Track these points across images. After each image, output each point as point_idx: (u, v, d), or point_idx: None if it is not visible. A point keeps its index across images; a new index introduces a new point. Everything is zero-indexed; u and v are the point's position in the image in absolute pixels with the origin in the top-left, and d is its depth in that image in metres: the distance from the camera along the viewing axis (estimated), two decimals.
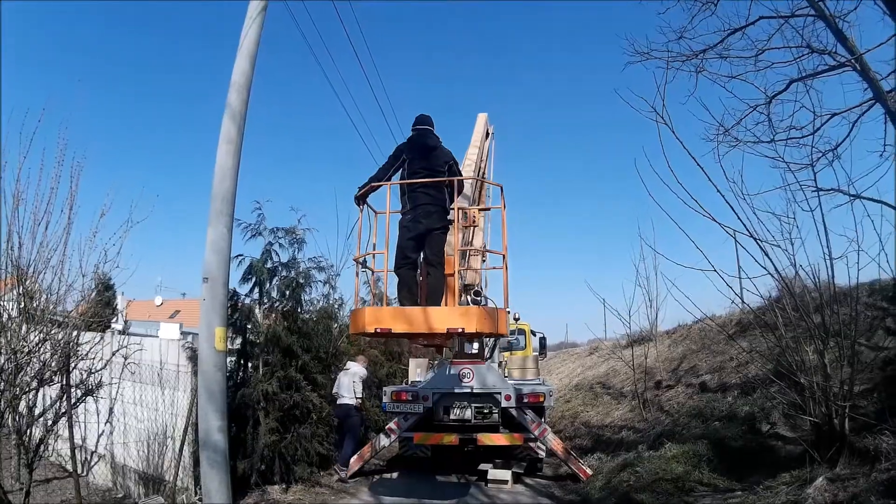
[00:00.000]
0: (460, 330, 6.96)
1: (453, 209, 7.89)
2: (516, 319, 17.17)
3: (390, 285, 7.55)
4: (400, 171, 7.95)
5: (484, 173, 12.89)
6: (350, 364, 12.20)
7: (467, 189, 8.81)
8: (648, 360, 15.91)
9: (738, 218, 8.05)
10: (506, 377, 12.40)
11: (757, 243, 8.06)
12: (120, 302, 12.48)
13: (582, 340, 44.77)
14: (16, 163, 7.18)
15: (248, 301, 11.16)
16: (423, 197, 7.71)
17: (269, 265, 11.43)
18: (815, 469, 6.91)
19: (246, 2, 8.50)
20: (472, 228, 9.19)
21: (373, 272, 7.71)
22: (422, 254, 7.85)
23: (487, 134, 13.83)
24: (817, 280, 8.05)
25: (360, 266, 7.63)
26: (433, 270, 7.61)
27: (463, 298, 8.11)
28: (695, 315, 11.02)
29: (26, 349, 6.95)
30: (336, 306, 14.29)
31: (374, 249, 7.87)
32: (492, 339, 12.56)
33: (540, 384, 12.07)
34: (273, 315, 11.63)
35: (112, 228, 7.90)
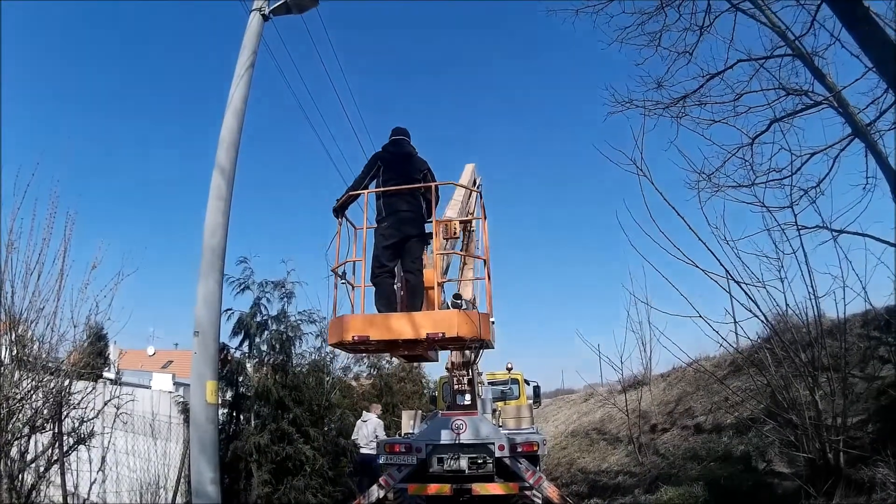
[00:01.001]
0: (440, 335, 6.58)
1: (431, 221, 7.76)
2: (509, 369, 17.15)
3: (369, 297, 7.30)
4: (376, 180, 7.73)
5: (472, 224, 13.02)
6: (366, 414, 12.21)
7: (452, 213, 8.68)
8: (643, 403, 15.84)
9: (721, 264, 8.14)
10: (500, 427, 12.31)
11: (741, 287, 8.13)
12: (112, 351, 12.41)
13: (578, 386, 44.47)
14: (9, 213, 7.27)
15: (238, 354, 11.17)
16: (400, 204, 7.47)
17: (258, 319, 11.46)
18: None
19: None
20: (453, 241, 9.02)
21: (352, 286, 7.43)
22: (399, 262, 7.61)
23: (476, 185, 14.00)
24: (805, 318, 8.07)
25: (340, 279, 7.42)
26: (412, 277, 7.36)
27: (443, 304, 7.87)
28: (689, 358, 10.97)
29: (18, 396, 6.92)
30: (328, 359, 14.28)
31: (352, 262, 7.52)
32: (484, 391, 12.47)
33: (534, 433, 11.98)
34: (264, 368, 11.62)
35: (104, 280, 7.95)
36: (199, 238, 7.73)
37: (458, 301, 7.26)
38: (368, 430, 11.60)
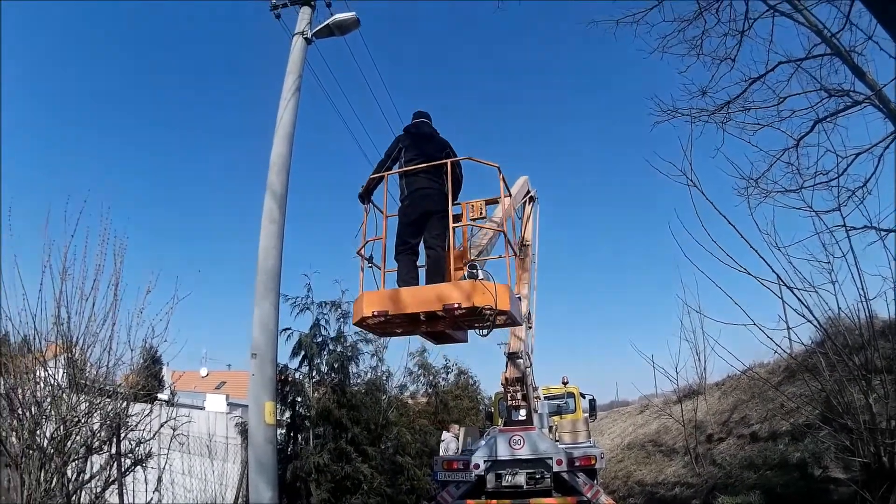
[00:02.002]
0: (456, 305, 6.43)
1: (457, 203, 7.69)
2: (565, 383, 17.14)
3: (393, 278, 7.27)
4: (399, 162, 7.69)
5: (526, 237, 13.17)
6: (445, 434, 12.45)
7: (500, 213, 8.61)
8: (699, 413, 15.75)
9: (774, 271, 8.16)
10: (557, 441, 12.40)
11: (793, 293, 8.13)
12: (166, 373, 12.84)
13: (633, 398, 43.88)
14: (61, 242, 7.55)
15: (298, 375, 11.51)
16: (421, 181, 7.41)
17: (317, 339, 11.78)
18: None
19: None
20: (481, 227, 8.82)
21: (381, 269, 7.39)
22: (422, 238, 7.50)
23: (531, 198, 14.06)
24: (857, 320, 8.06)
25: (367, 262, 7.44)
26: (432, 253, 7.28)
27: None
28: (743, 365, 10.93)
29: (75, 419, 7.14)
30: (384, 378, 14.58)
31: (381, 248, 7.46)
32: (540, 406, 12.56)
33: (591, 446, 12.03)
34: (322, 388, 11.93)
35: (158, 303, 8.15)
36: (249, 255, 7.98)
37: (475, 271, 7.09)
38: (453, 449, 11.86)
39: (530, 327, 11.47)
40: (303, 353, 11.72)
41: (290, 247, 8.94)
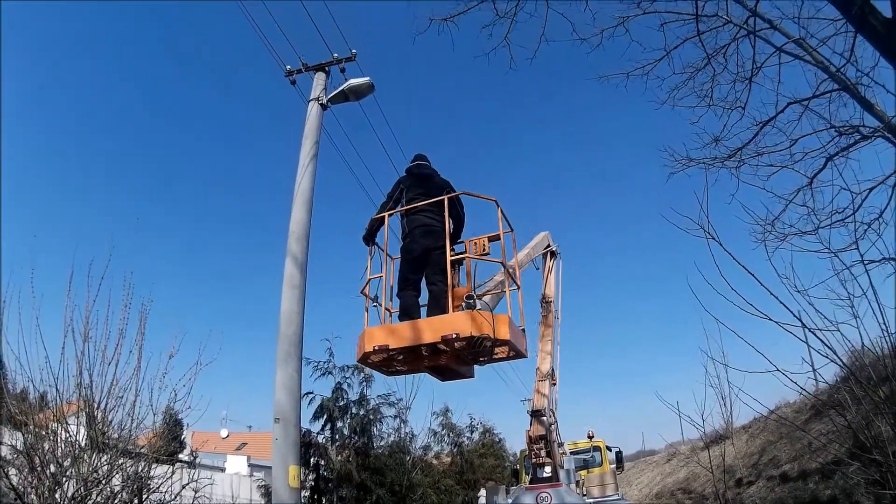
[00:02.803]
0: (454, 336, 6.38)
1: (462, 242, 7.85)
2: (590, 437, 17.02)
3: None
4: (401, 203, 7.80)
5: (548, 293, 13.24)
6: (482, 490, 12.41)
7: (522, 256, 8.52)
8: (727, 458, 15.53)
9: (797, 316, 8.13)
10: (585, 496, 12.27)
11: (815, 335, 8.12)
12: (187, 435, 12.86)
13: (659, 446, 43.18)
14: (83, 305, 7.76)
15: (320, 439, 11.52)
16: (422, 219, 7.52)
17: (340, 403, 11.83)
18: None
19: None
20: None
21: (382, 306, 7.41)
22: (423, 275, 7.58)
23: (552, 253, 14.16)
24: (881, 352, 8.04)
25: (372, 301, 7.49)
26: (434, 289, 7.31)
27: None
28: (767, 409, 10.83)
29: (97, 479, 7.19)
30: (408, 439, 14.55)
31: (386, 288, 7.51)
32: (566, 461, 12.46)
33: (620, 499, 11.93)
34: (346, 451, 11.93)
35: (181, 369, 8.34)
36: (268, 317, 8.04)
37: (471, 301, 7.12)
38: None
39: (554, 383, 11.48)
40: (325, 416, 11.77)
41: (311, 310, 9.09)
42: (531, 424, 11.39)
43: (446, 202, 7.31)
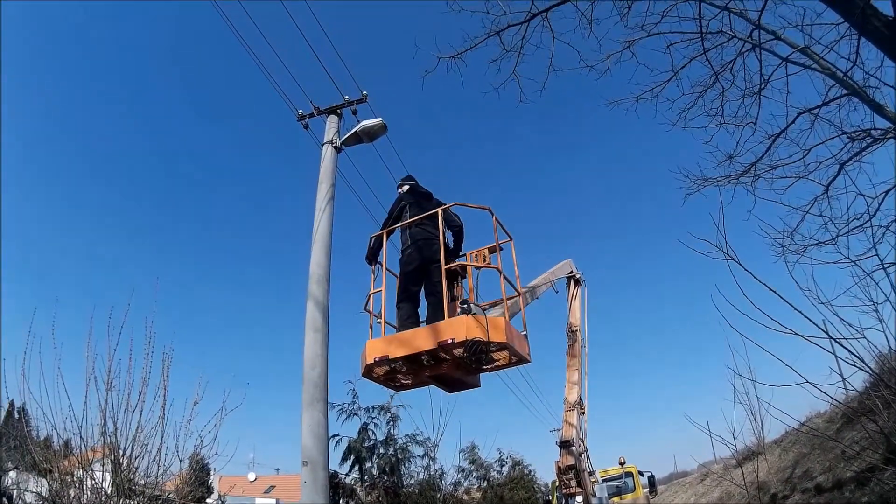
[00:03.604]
0: (450, 341, 6.44)
1: (464, 255, 7.99)
2: (622, 464, 16.92)
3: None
4: (401, 220, 7.99)
5: (573, 322, 13.22)
6: None
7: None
8: (760, 474, 15.31)
9: (822, 329, 8.09)
10: None
11: (841, 345, 8.06)
12: (214, 480, 12.83)
13: (691, 467, 42.54)
14: (105, 354, 7.89)
15: (349, 480, 11.48)
16: (420, 233, 7.71)
17: (367, 444, 11.81)
18: None
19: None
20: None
21: (381, 319, 7.45)
22: (422, 287, 7.74)
23: (576, 280, 14.14)
24: None
25: (375, 318, 7.53)
26: (432, 300, 7.45)
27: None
28: (797, 422, 10.67)
29: None
30: (437, 476, 14.45)
31: (381, 299, 7.55)
32: (599, 489, 12.36)
33: None
34: (375, 492, 11.88)
35: (206, 414, 8.40)
36: (292, 357, 8.08)
37: (466, 306, 7.15)
38: None
39: (582, 413, 11.45)
40: (353, 457, 11.75)
41: (334, 350, 9.14)
42: (560, 455, 11.35)
43: (440, 214, 7.45)
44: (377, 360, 6.91)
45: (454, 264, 7.64)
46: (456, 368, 7.18)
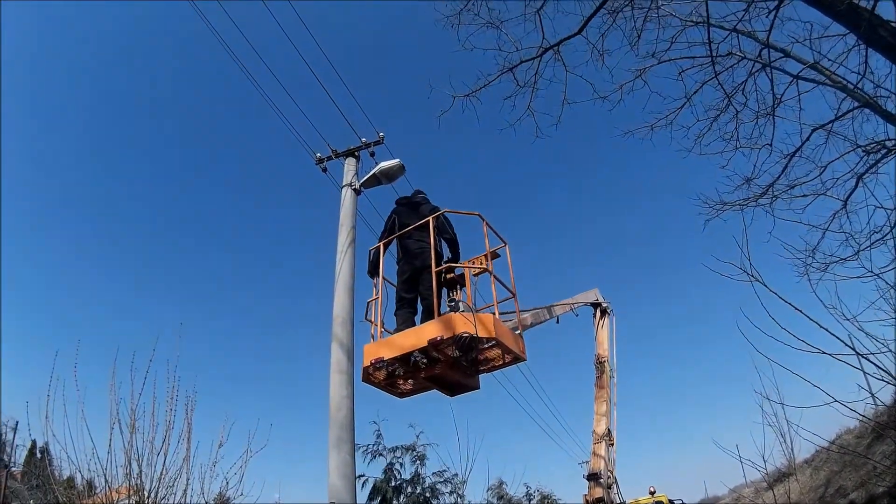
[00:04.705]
0: (439, 338, 6.58)
1: (462, 265, 8.04)
2: (652, 493, 16.76)
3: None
4: (394, 232, 8.20)
5: (601, 353, 13.18)
6: None
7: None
8: (792, 495, 15.10)
9: (850, 346, 8.05)
10: None
11: (869, 360, 8.00)
12: None
13: (722, 491, 41.82)
14: (128, 397, 7.96)
15: None
16: (413, 243, 7.91)
17: (393, 483, 11.76)
18: None
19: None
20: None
21: (377, 325, 7.59)
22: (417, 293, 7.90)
23: (604, 311, 14.08)
24: None
25: (377, 326, 7.65)
26: (425, 303, 7.61)
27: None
28: (826, 442, 10.55)
29: None
30: None
31: (383, 309, 7.93)
32: None
33: None
34: None
35: (232, 456, 8.42)
36: (316, 396, 8.13)
37: (454, 304, 7.28)
38: None
39: (611, 444, 11.41)
40: (379, 498, 11.69)
41: (358, 393, 9.16)
42: (589, 488, 11.29)
43: (431, 222, 7.65)
44: (373, 362, 7.11)
45: (443, 266, 7.76)
46: (452, 370, 7.32)
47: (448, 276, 7.91)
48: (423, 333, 6.85)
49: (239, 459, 8.39)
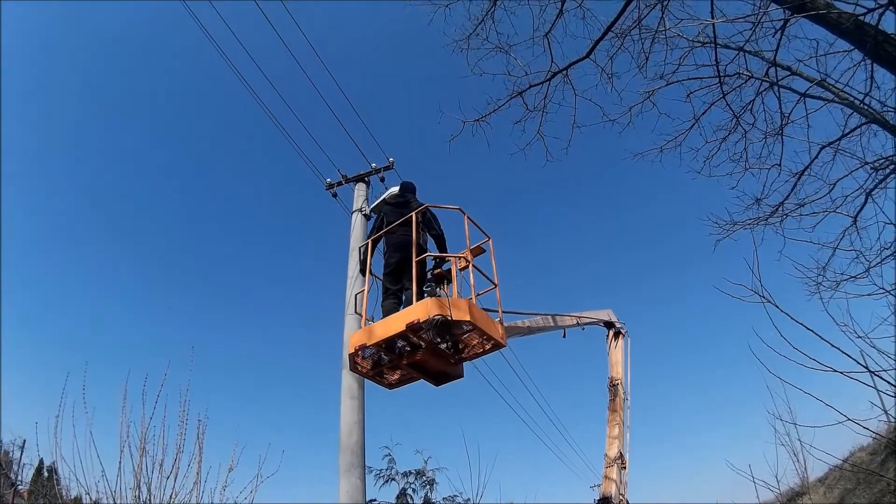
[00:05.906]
0: (416, 321, 6.75)
1: (450, 259, 8.08)
2: None
3: None
4: (382, 230, 8.41)
5: (615, 375, 13.13)
6: None
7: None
8: None
9: (863, 365, 8.03)
10: None
11: (881, 378, 7.98)
12: None
13: None
14: (139, 420, 8.01)
15: None
16: (397, 237, 8.11)
17: None
18: None
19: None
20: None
21: (363, 315, 7.87)
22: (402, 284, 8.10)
23: (618, 332, 14.01)
24: None
25: (368, 320, 7.80)
26: (408, 293, 7.71)
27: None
28: (838, 460, 10.50)
29: None
30: None
31: (363, 299, 8.14)
32: None
33: None
34: None
35: (242, 481, 8.40)
36: (325, 417, 8.14)
37: (428, 288, 7.39)
38: None
39: (624, 467, 11.35)
40: None
41: (369, 418, 9.15)
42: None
43: (414, 217, 7.88)
44: (357, 349, 7.34)
45: (423, 256, 7.92)
46: (435, 357, 7.51)
47: (436, 271, 8.13)
48: (402, 318, 7.06)
49: (249, 484, 8.39)
